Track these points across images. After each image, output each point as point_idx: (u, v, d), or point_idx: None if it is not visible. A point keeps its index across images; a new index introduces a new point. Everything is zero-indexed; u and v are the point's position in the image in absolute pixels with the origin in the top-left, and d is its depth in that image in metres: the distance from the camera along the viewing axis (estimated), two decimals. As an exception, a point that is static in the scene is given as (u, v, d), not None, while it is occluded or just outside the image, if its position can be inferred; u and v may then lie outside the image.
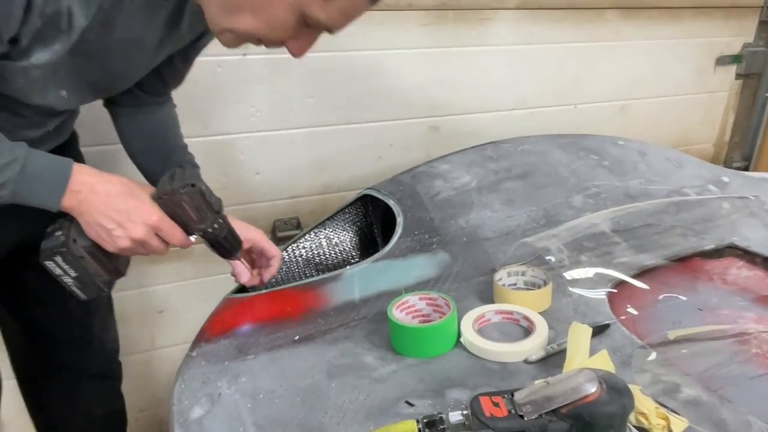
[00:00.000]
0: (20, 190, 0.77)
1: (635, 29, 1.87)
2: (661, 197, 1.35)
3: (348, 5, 0.76)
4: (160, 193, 0.86)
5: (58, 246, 0.83)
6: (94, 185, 0.82)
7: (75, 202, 0.81)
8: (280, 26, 0.77)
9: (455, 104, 1.70)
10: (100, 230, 0.82)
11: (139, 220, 0.83)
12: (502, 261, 1.09)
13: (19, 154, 0.77)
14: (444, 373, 0.85)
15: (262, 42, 0.80)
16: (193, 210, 0.87)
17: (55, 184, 0.79)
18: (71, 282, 0.86)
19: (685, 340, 0.93)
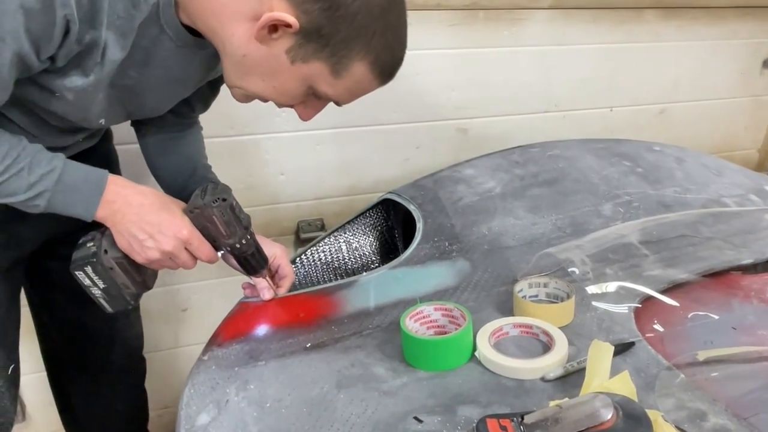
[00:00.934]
0: (56, 200, 0.80)
1: (676, 30, 1.80)
2: (697, 207, 1.29)
3: (355, 85, 0.80)
4: (190, 207, 0.88)
5: (89, 256, 0.85)
6: (128, 196, 0.84)
7: (109, 213, 0.83)
8: (288, 94, 0.81)
9: (485, 106, 1.67)
10: (132, 240, 0.85)
11: (171, 233, 0.85)
12: (524, 271, 1.05)
13: (56, 165, 0.80)
14: (456, 388, 0.82)
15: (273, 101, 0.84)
16: (223, 225, 0.89)
17: (90, 195, 0.82)
18: (99, 294, 0.88)
19: (717, 361, 0.87)
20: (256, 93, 0.82)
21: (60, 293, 1.12)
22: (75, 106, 0.82)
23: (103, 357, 1.22)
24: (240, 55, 0.77)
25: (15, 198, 0.78)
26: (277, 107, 0.86)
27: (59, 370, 1.25)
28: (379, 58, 0.77)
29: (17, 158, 0.77)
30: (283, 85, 0.79)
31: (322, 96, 0.81)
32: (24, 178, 0.77)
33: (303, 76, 0.77)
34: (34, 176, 0.78)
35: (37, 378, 1.43)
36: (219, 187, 0.90)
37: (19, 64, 0.71)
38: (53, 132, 0.89)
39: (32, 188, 0.78)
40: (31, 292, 1.16)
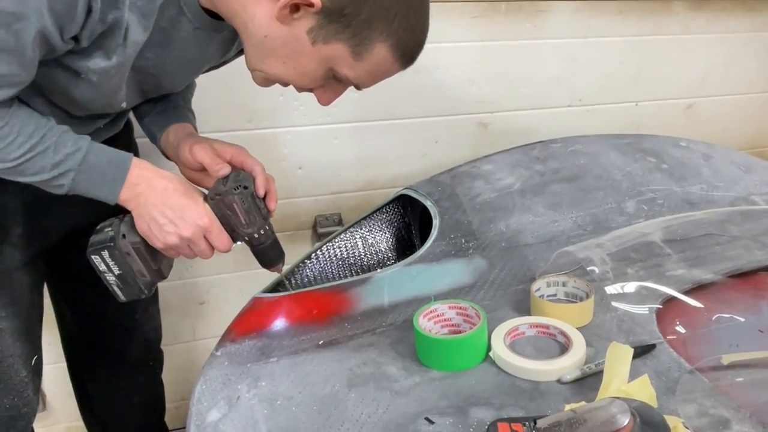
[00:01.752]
0: (80, 180, 0.80)
1: (705, 22, 1.74)
2: (725, 205, 1.25)
3: (376, 68, 0.79)
4: (211, 193, 0.88)
5: (107, 240, 0.85)
6: (151, 180, 0.85)
7: (132, 195, 0.84)
8: (308, 77, 0.80)
9: (506, 100, 1.64)
10: (152, 224, 0.84)
11: (191, 219, 0.85)
12: (542, 270, 1.02)
13: (81, 146, 0.80)
14: (469, 389, 0.80)
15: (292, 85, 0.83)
16: (243, 213, 0.88)
17: (114, 176, 0.82)
18: (113, 280, 0.88)
19: (742, 366, 0.84)
20: (276, 76, 0.81)
21: (81, 285, 1.12)
22: (99, 89, 0.82)
23: (122, 349, 1.22)
24: (261, 36, 0.76)
25: (40, 176, 0.79)
26: (296, 92, 0.85)
27: (78, 361, 1.26)
28: (401, 41, 0.76)
29: (44, 137, 0.77)
30: (303, 67, 0.78)
31: (342, 79, 0.80)
32: (50, 157, 0.78)
33: (323, 57, 0.77)
34: (60, 155, 0.78)
35: (57, 369, 1.45)
36: (241, 176, 0.90)
37: (43, 44, 0.71)
38: (75, 120, 0.89)
39: (57, 167, 0.78)
40: (52, 284, 1.16)
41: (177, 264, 1.55)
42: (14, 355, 0.96)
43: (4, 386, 0.96)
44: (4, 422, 0.97)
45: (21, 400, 0.98)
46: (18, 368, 0.97)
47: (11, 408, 0.97)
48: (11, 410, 0.97)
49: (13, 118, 0.76)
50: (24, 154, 0.76)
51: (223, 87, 1.37)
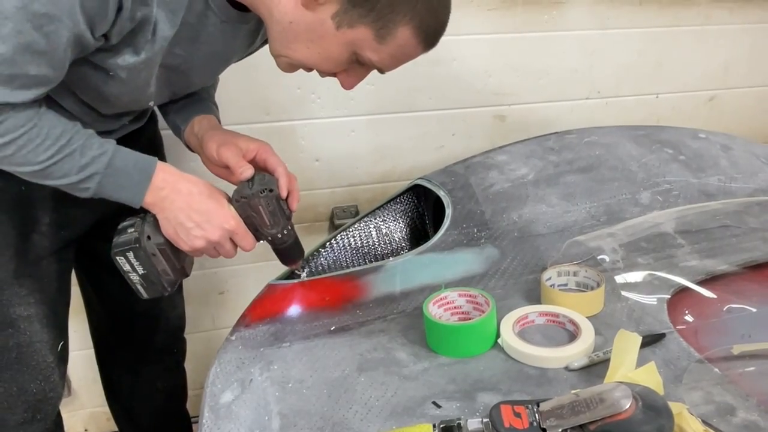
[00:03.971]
0: (106, 183, 0.81)
1: (728, 13, 1.71)
2: (743, 197, 1.23)
3: (399, 50, 0.79)
4: (237, 196, 0.89)
5: (131, 242, 0.86)
6: (176, 183, 0.85)
7: (157, 199, 0.84)
8: (332, 60, 0.81)
9: (523, 93, 1.63)
10: (179, 228, 0.85)
11: (218, 222, 0.86)
12: (554, 259, 1.03)
13: (107, 149, 0.81)
14: (477, 374, 0.81)
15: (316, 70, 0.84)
16: (268, 215, 0.89)
17: (140, 180, 0.83)
18: (137, 280, 0.89)
19: (753, 356, 0.84)
20: (300, 60, 0.82)
21: (107, 274, 1.11)
22: (127, 85, 0.83)
23: (147, 336, 1.24)
24: (286, 21, 0.78)
25: (67, 180, 0.79)
26: (319, 77, 0.86)
27: (105, 347, 1.29)
28: (424, 22, 0.77)
29: (70, 140, 0.78)
30: (327, 52, 0.79)
31: (366, 62, 0.80)
32: (76, 160, 0.79)
33: (348, 41, 0.77)
34: (86, 158, 0.79)
35: (82, 355, 1.49)
36: (266, 178, 0.91)
37: (75, 44, 0.72)
38: (102, 117, 0.92)
39: (84, 170, 0.79)
40: (80, 272, 1.19)
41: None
42: (41, 341, 0.98)
43: (31, 371, 0.98)
44: (31, 406, 1.00)
45: (47, 384, 1.00)
46: (45, 353, 0.99)
47: (38, 392, 1.00)
48: (38, 394, 1.00)
49: (42, 120, 0.76)
50: (52, 157, 0.77)
51: (242, 80, 1.40)
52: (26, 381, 0.98)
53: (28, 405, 0.99)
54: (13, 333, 0.95)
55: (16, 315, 0.95)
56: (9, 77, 0.70)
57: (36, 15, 0.67)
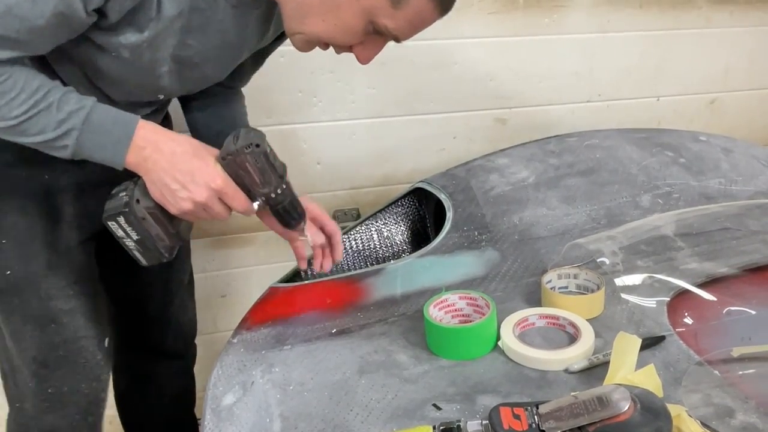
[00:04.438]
0: (84, 141, 0.77)
1: (729, 15, 1.72)
2: (743, 199, 1.23)
3: (415, 16, 0.78)
4: (223, 154, 0.84)
5: (121, 206, 0.82)
6: (158, 142, 0.81)
7: (140, 159, 0.80)
8: (348, 31, 0.79)
9: (524, 96, 1.64)
10: (164, 190, 0.81)
11: (203, 182, 0.81)
12: (554, 262, 1.03)
13: (85, 104, 0.77)
14: (477, 377, 0.82)
15: (330, 46, 0.83)
16: (257, 172, 0.84)
17: (119, 138, 0.79)
18: (133, 246, 0.85)
19: (752, 359, 0.84)
20: (316, 34, 0.80)
21: (119, 276, 1.12)
22: (132, 65, 0.81)
23: (158, 341, 1.23)
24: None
25: (43, 136, 0.76)
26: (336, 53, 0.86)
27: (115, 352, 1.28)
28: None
29: (47, 93, 0.75)
30: (343, 22, 0.78)
31: (382, 30, 0.79)
32: (53, 115, 0.75)
33: (363, 9, 0.76)
34: (63, 113, 0.75)
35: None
36: (252, 133, 0.85)
37: (63, 16, 0.70)
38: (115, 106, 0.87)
39: (60, 126, 0.76)
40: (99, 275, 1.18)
41: (199, 257, 1.59)
42: (87, 336, 0.95)
43: (80, 370, 0.95)
44: (83, 408, 0.97)
45: (98, 383, 0.98)
46: (93, 350, 0.96)
47: (90, 393, 0.97)
48: (89, 395, 0.97)
49: (17, 73, 0.73)
50: (26, 111, 0.74)
51: (244, 83, 1.41)
52: (77, 380, 0.95)
53: (79, 408, 0.97)
54: (57, 329, 0.93)
55: (57, 309, 0.93)
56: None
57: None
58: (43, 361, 0.94)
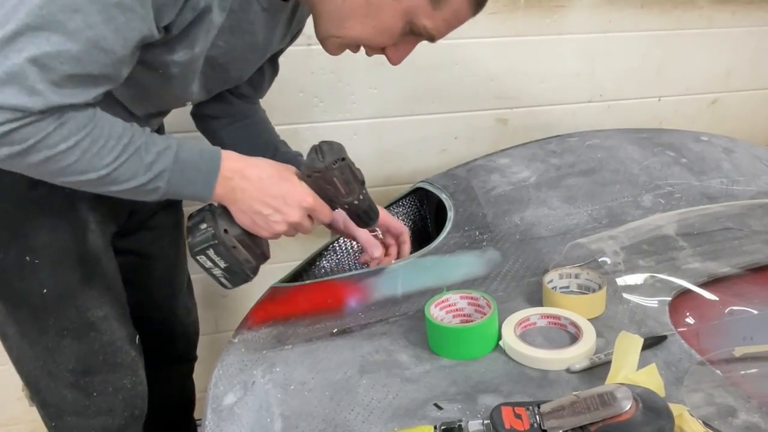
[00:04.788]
0: (175, 180, 0.75)
1: (730, 15, 1.72)
2: (745, 199, 1.23)
3: (453, 16, 0.79)
4: (309, 171, 0.84)
5: (209, 239, 0.82)
6: (243, 170, 0.80)
7: (227, 190, 0.80)
8: (387, 33, 0.79)
9: (525, 96, 1.64)
10: (257, 217, 0.81)
11: (295, 203, 0.82)
12: (555, 262, 1.03)
13: (170, 143, 0.76)
14: (479, 376, 0.81)
15: (364, 48, 0.84)
16: (343, 184, 0.85)
17: (207, 171, 0.78)
18: (220, 273, 0.86)
19: (754, 358, 0.84)
20: (354, 38, 0.80)
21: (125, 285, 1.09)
22: (176, 81, 0.80)
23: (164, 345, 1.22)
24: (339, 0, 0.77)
25: (135, 182, 0.73)
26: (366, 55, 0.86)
27: None
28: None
29: (132, 138, 0.72)
30: (383, 24, 0.78)
31: (420, 31, 0.80)
32: (142, 158, 0.73)
33: (404, 10, 0.77)
34: (151, 155, 0.73)
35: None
36: (334, 147, 0.86)
37: (143, 39, 0.68)
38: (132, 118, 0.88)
39: (151, 168, 0.73)
40: None
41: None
42: (121, 337, 0.97)
43: (119, 368, 0.96)
44: (129, 404, 0.98)
45: (137, 378, 0.99)
46: (127, 349, 0.97)
47: (132, 388, 0.98)
48: (132, 390, 0.98)
49: (99, 118, 0.70)
50: (117, 158, 0.71)
51: (245, 84, 1.41)
52: (118, 379, 0.97)
53: (126, 403, 0.98)
54: (96, 336, 0.93)
55: (94, 318, 0.93)
56: (72, 77, 0.64)
57: (107, 6, 0.62)
58: (84, 369, 0.94)
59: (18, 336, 0.92)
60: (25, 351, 0.93)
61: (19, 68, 0.61)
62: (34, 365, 0.94)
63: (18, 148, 0.65)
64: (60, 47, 0.62)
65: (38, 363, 0.93)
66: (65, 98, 0.65)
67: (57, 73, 0.63)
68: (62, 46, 0.62)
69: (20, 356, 0.94)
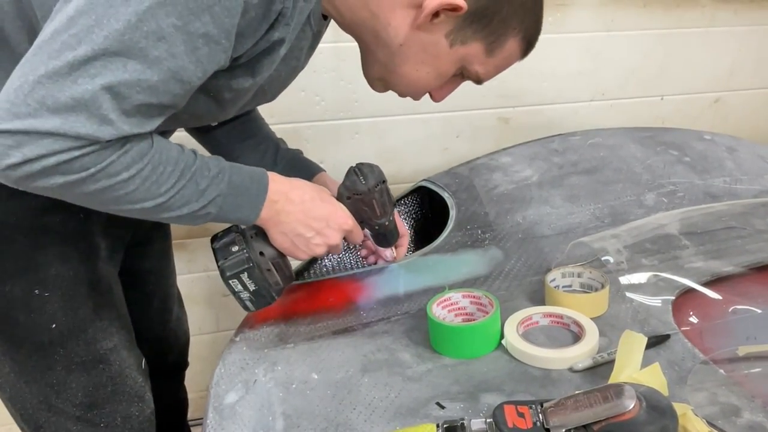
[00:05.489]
0: (226, 205, 0.73)
1: (733, 14, 1.71)
2: (748, 198, 1.23)
3: (504, 61, 0.80)
4: (349, 193, 0.84)
5: (244, 262, 0.80)
6: (287, 193, 0.79)
7: (272, 213, 0.78)
8: (439, 78, 0.80)
9: (527, 95, 1.63)
10: (297, 239, 0.81)
11: (337, 226, 0.82)
12: (558, 261, 1.03)
13: (222, 166, 0.73)
14: (481, 375, 0.81)
15: None
16: (380, 206, 0.86)
17: (256, 195, 0.76)
18: (247, 297, 0.85)
19: (758, 357, 0.83)
20: None
21: None
22: (222, 106, 0.77)
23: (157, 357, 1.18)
24: (396, 45, 0.75)
25: (188, 208, 0.70)
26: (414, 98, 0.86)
27: None
28: (528, 33, 0.78)
29: (187, 163, 0.69)
30: (437, 70, 0.78)
31: (471, 75, 0.81)
32: (197, 184, 0.70)
33: (459, 57, 0.77)
34: (205, 181, 0.70)
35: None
36: (375, 170, 0.86)
37: (217, 68, 0.65)
38: None
39: (204, 194, 0.71)
40: None
41: (202, 257, 1.59)
42: (130, 366, 0.94)
43: (127, 397, 0.94)
44: (137, 429, 0.96)
45: (144, 403, 0.97)
46: (135, 376, 0.95)
47: (140, 414, 0.96)
48: (140, 416, 0.96)
49: (158, 144, 0.67)
50: (174, 185, 0.68)
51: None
52: (126, 408, 0.94)
53: (134, 430, 0.96)
54: (105, 368, 0.90)
55: (103, 350, 0.89)
56: (143, 106, 0.61)
57: (193, 36, 0.59)
58: (92, 402, 0.91)
59: (14, 375, 0.86)
60: (21, 389, 0.87)
61: (92, 95, 0.57)
62: (32, 403, 0.87)
63: (74, 177, 0.61)
64: (139, 75, 0.58)
65: (38, 399, 0.88)
66: (134, 128, 0.62)
67: (130, 103, 0.60)
68: (141, 75, 0.59)
69: (15, 395, 0.88)
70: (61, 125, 0.57)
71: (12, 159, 0.58)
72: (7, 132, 0.57)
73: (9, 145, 0.58)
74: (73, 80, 0.57)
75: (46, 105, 0.57)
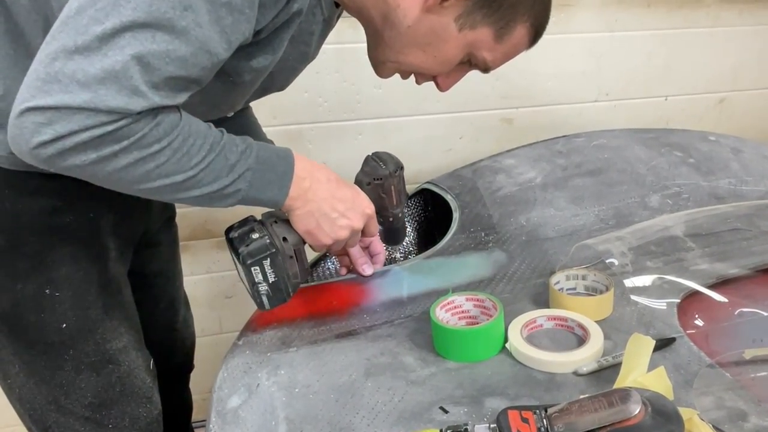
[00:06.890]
0: (255, 181, 0.72)
1: (737, 14, 1.70)
2: (753, 199, 1.22)
3: (512, 49, 0.79)
4: (369, 178, 0.82)
5: (266, 247, 0.77)
6: (313, 171, 0.77)
7: (301, 192, 0.76)
8: (446, 63, 0.79)
9: (531, 95, 1.63)
10: (323, 220, 0.78)
11: (360, 209, 0.81)
12: (562, 263, 1.02)
13: (250, 142, 0.72)
14: (485, 379, 0.81)
15: (415, 75, 0.83)
16: (397, 194, 0.84)
17: (284, 171, 0.74)
18: (265, 290, 0.81)
19: (764, 361, 0.83)
20: (413, 65, 0.80)
21: None
22: (239, 90, 0.77)
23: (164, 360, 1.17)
24: (405, 26, 0.75)
25: (218, 184, 0.69)
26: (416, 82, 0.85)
27: None
28: (537, 20, 0.78)
29: (215, 136, 0.69)
30: (444, 55, 0.77)
31: (478, 62, 0.80)
32: (226, 158, 0.69)
33: (467, 43, 0.76)
34: (235, 155, 0.69)
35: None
36: (393, 157, 0.85)
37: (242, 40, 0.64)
38: None
39: (234, 169, 0.69)
40: None
41: (204, 259, 1.59)
42: (138, 366, 0.94)
43: (135, 398, 0.93)
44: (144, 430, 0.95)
45: (152, 405, 0.97)
46: (143, 377, 0.95)
47: (148, 415, 0.96)
48: (148, 417, 0.96)
49: (186, 117, 0.66)
50: (204, 158, 0.67)
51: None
52: (134, 409, 0.93)
53: (142, 431, 0.95)
54: (114, 368, 0.90)
55: (113, 350, 0.89)
56: (171, 79, 0.60)
57: (216, 5, 0.59)
58: (101, 403, 0.90)
59: (23, 375, 0.86)
60: (31, 389, 0.86)
61: (122, 66, 0.57)
62: (41, 403, 0.88)
63: (107, 152, 0.61)
64: (168, 46, 0.58)
65: (47, 399, 0.87)
66: (164, 99, 0.61)
67: (159, 75, 0.59)
68: (170, 45, 0.58)
69: (25, 395, 0.87)
70: (92, 99, 0.57)
71: (44, 136, 0.57)
72: (38, 108, 0.56)
73: (40, 122, 0.57)
74: (103, 53, 0.56)
75: (77, 79, 0.56)
